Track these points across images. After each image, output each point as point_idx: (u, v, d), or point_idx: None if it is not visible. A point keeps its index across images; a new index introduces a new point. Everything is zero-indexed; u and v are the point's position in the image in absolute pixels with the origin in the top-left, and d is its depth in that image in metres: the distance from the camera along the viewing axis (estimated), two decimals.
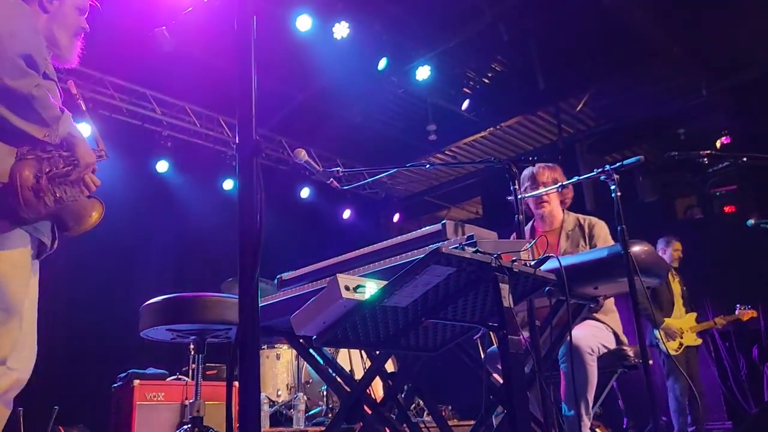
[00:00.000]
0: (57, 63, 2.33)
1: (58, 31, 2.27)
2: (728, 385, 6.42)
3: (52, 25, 2.26)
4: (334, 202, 9.15)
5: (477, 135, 8.69)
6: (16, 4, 2.06)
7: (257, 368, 1.24)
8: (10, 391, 2.04)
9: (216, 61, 6.24)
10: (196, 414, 3.05)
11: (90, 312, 5.97)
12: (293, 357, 5.49)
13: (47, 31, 2.25)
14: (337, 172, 2.94)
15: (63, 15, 2.29)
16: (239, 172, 1.35)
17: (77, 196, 2.13)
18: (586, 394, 2.92)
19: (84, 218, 2.22)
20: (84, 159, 2.14)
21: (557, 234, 3.46)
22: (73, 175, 2.12)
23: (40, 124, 2.00)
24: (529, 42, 7.14)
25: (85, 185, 2.19)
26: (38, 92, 1.96)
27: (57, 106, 2.06)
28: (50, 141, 2.04)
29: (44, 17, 2.25)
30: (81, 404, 5.51)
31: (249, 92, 1.37)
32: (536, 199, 3.46)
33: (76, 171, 2.12)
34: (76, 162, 2.12)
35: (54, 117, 2.03)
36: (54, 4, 2.26)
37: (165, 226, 7.05)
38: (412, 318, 1.97)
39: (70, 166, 2.11)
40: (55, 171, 2.06)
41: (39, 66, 2.02)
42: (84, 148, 2.15)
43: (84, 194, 2.19)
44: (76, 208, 2.17)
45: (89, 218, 2.24)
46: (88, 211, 2.23)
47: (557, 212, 3.51)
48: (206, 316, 2.92)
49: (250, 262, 1.29)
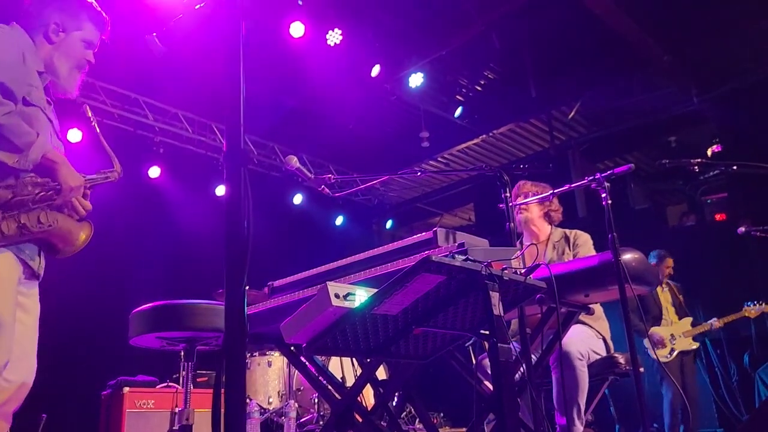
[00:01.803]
0: (57, 93, 2.37)
1: (59, 61, 2.33)
2: (719, 392, 6.43)
3: (54, 54, 2.32)
4: (326, 209, 9.14)
5: (469, 142, 8.72)
6: (3, 32, 2.14)
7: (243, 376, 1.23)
8: (8, 403, 2.04)
9: (209, 68, 6.23)
10: (185, 422, 3.03)
11: (80, 318, 5.92)
12: (284, 364, 5.45)
13: (48, 60, 2.31)
14: (329, 179, 2.93)
15: (67, 47, 2.35)
16: (226, 180, 1.34)
17: (56, 220, 2.14)
18: (578, 399, 2.93)
19: (71, 241, 2.24)
20: (67, 183, 2.15)
21: (544, 246, 3.53)
22: (58, 200, 2.13)
23: (11, 150, 2.02)
24: (521, 50, 7.19)
25: (73, 209, 2.20)
26: (8, 120, 1.99)
27: (33, 132, 2.07)
28: (20, 167, 2.05)
29: (48, 47, 2.32)
30: (70, 412, 5.46)
31: (237, 100, 1.37)
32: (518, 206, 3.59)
33: (60, 196, 2.13)
34: (57, 187, 2.12)
35: (26, 143, 2.04)
36: (60, 36, 2.33)
37: (157, 233, 7.01)
38: (403, 326, 1.96)
39: (51, 191, 2.11)
40: (24, 197, 2.07)
41: (15, 94, 2.05)
42: (67, 173, 2.16)
43: (73, 218, 2.20)
44: (60, 232, 2.19)
45: (76, 241, 2.26)
46: (76, 233, 2.25)
47: (540, 224, 3.63)
48: (196, 323, 2.91)
49: (238, 270, 1.28)
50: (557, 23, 6.52)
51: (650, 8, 6.34)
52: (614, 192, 2.81)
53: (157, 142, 7.27)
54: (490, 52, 6.95)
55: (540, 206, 3.60)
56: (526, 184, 3.60)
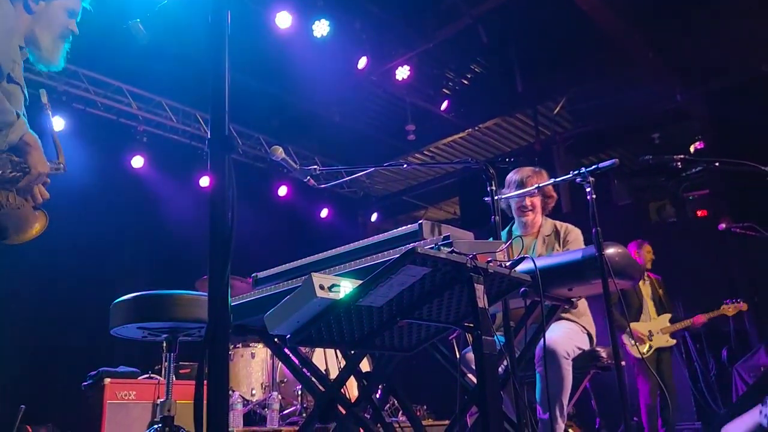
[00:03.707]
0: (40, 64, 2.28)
1: (41, 32, 2.23)
2: (698, 386, 6.52)
3: (35, 26, 2.22)
4: (311, 201, 9.11)
5: (455, 135, 8.74)
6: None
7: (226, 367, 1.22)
8: None
9: (193, 56, 6.17)
10: (167, 413, 3.00)
11: (60, 309, 5.86)
12: (268, 356, 5.44)
13: (28, 32, 2.20)
14: (314, 170, 2.91)
15: (48, 16, 2.24)
16: (211, 168, 1.32)
17: (21, 204, 2.08)
18: (561, 397, 2.94)
19: (25, 229, 2.15)
20: (36, 168, 2.09)
21: (534, 238, 3.48)
22: (22, 182, 2.07)
23: None
24: (508, 45, 7.20)
25: (32, 196, 2.14)
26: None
27: (13, 111, 2.01)
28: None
29: (28, 18, 2.21)
30: (50, 403, 5.40)
31: (222, 87, 1.35)
32: (520, 206, 3.46)
33: (25, 179, 2.07)
34: (27, 169, 2.07)
35: (6, 122, 1.99)
36: (40, 5, 2.22)
37: (139, 222, 6.95)
38: (387, 318, 1.96)
39: (20, 173, 2.06)
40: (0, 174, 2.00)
41: (2, 69, 1.98)
42: (38, 158, 2.10)
43: (29, 204, 2.14)
44: (16, 218, 2.10)
45: (31, 229, 2.16)
46: (31, 222, 2.16)
47: (538, 219, 3.53)
48: (178, 314, 2.88)
49: (221, 259, 1.27)
50: (544, 19, 6.54)
51: (636, 5, 6.39)
52: (597, 188, 2.81)
53: (141, 131, 7.20)
54: (477, 46, 6.96)
55: (541, 200, 3.49)
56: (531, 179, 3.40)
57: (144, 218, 7.00)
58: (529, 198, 3.43)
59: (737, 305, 5.78)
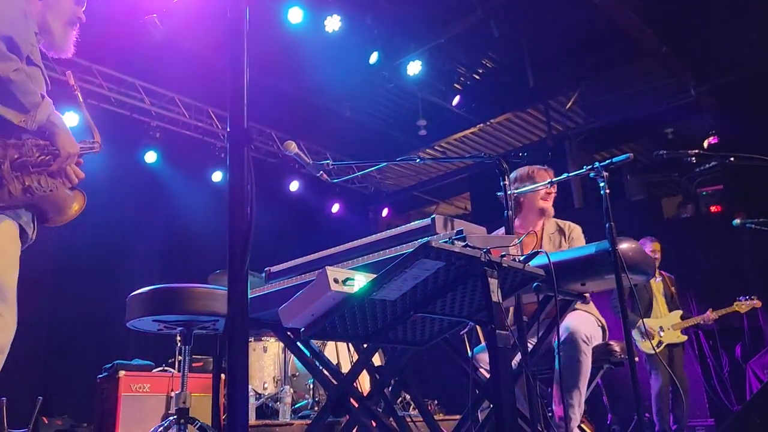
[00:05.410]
0: (51, 52, 2.30)
1: (52, 18, 2.25)
2: (711, 383, 6.49)
3: (46, 12, 2.23)
4: (323, 196, 9.14)
5: (467, 131, 8.72)
6: None
7: (246, 360, 1.23)
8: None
9: (206, 52, 6.19)
10: (182, 405, 3.03)
11: (76, 302, 5.93)
12: (280, 349, 5.47)
13: (40, 18, 2.22)
14: (326, 165, 2.92)
15: (59, 3, 2.26)
16: (230, 161, 1.33)
17: (55, 186, 2.09)
18: (579, 384, 2.90)
19: (64, 210, 2.17)
20: (65, 149, 2.10)
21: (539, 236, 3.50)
22: (54, 165, 2.08)
23: (17, 109, 1.96)
24: (519, 39, 7.17)
25: (66, 177, 2.16)
26: (17, 77, 1.92)
27: (38, 92, 2.03)
28: (26, 127, 2.00)
29: (38, 4, 2.23)
30: (65, 395, 5.47)
31: (241, 81, 1.36)
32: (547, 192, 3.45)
33: (57, 162, 2.09)
34: (56, 152, 2.08)
35: (33, 103, 2.00)
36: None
37: (152, 217, 7.00)
38: (401, 312, 1.97)
39: (49, 156, 2.07)
40: (27, 159, 2.01)
41: (21, 50, 1.99)
42: (66, 139, 2.11)
43: (66, 186, 2.16)
44: (55, 199, 2.12)
45: (69, 210, 2.19)
46: (69, 202, 2.18)
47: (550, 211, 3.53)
48: (194, 307, 2.90)
49: (240, 253, 1.28)
50: (556, 13, 6.50)
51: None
52: (610, 183, 2.80)
53: (154, 126, 7.24)
54: (488, 41, 6.92)
55: None
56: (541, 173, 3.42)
57: (157, 213, 7.05)
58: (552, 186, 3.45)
59: (751, 302, 5.72)
